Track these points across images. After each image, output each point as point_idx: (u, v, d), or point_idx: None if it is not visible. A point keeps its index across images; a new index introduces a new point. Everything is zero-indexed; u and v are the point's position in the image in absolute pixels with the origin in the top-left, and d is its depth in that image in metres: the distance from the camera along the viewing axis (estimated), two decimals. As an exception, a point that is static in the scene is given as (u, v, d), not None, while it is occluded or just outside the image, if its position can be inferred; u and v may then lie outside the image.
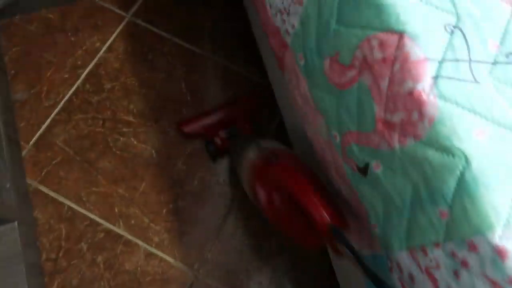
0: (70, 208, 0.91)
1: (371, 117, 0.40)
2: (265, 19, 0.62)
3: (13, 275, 0.79)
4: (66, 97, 1.00)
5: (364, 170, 0.44)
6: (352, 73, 0.42)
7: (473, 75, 0.37)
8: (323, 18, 0.45)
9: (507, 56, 0.39)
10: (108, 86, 1.02)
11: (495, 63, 0.38)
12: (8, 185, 0.85)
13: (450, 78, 0.37)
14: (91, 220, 0.90)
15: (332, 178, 0.57)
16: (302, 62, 0.54)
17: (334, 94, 0.47)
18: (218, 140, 0.92)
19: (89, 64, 1.03)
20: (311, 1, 0.47)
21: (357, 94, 0.42)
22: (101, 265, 0.88)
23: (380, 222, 0.45)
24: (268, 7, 0.59)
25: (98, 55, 1.04)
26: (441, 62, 0.37)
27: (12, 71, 1.02)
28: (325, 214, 0.48)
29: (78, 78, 1.02)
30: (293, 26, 0.54)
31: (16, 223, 0.81)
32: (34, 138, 0.97)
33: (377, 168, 0.41)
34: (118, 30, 1.07)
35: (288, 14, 0.54)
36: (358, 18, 0.40)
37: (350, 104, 0.43)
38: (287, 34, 0.56)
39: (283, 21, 0.56)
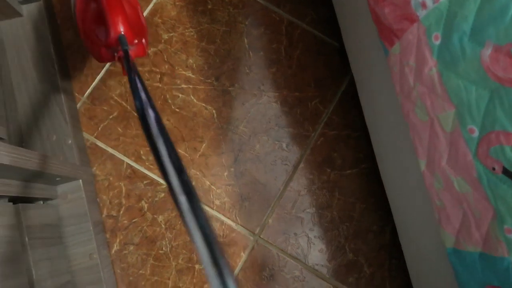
0: (129, 165, 0.89)
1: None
2: (383, -17, 0.55)
3: (81, 233, 0.78)
4: (121, 47, 0.93)
5: (518, 175, 0.41)
6: (530, 71, 0.37)
7: None
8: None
9: None
10: (165, 36, 0.94)
11: None
12: (70, 141, 0.82)
13: None
14: (152, 179, 0.88)
15: (437, 166, 0.54)
16: (437, 43, 0.49)
17: (489, 88, 0.42)
18: None
19: (144, 10, 0.95)
20: (478, -23, 0.41)
21: (534, 96, 0.37)
22: (162, 225, 0.87)
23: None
24: (394, -29, 0.52)
25: (154, 0, 0.96)
26: None
27: (61, 14, 0.94)
28: (121, 25, 0.58)
29: (132, 26, 0.94)
30: (435, 0, 0.47)
31: (80, 181, 0.79)
32: (89, 90, 0.92)
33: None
34: (174, -27, 0.97)
35: (430, -15, 0.47)
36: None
37: (518, 105, 0.39)
38: (422, 7, 0.49)
39: (419, -9, 0.49)
